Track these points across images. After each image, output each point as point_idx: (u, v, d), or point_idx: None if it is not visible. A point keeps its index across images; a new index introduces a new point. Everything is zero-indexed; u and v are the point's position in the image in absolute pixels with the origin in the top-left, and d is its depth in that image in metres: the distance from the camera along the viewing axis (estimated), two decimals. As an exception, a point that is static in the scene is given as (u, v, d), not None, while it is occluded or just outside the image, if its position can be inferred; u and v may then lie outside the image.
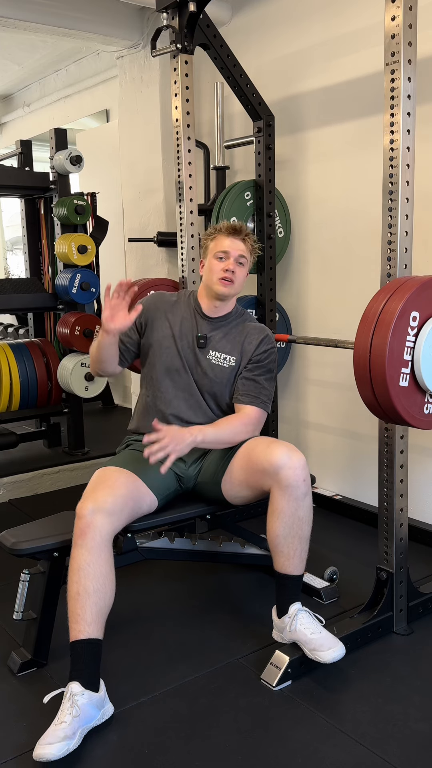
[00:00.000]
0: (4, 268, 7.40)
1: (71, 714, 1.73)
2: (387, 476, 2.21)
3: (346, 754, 1.72)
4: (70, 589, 1.88)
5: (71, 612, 1.86)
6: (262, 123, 3.13)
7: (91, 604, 1.85)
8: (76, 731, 1.72)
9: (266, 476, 2.05)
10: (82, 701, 1.76)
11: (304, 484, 2.04)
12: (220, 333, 2.32)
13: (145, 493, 2.12)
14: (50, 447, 4.18)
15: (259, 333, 2.33)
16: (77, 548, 1.90)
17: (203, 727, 1.84)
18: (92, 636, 1.84)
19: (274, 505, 2.05)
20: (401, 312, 1.82)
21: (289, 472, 2.01)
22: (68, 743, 1.69)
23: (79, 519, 1.92)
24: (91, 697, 1.79)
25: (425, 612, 2.33)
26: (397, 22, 1.94)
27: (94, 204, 4.10)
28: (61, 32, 3.74)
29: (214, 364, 2.29)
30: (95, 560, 1.88)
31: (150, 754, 1.74)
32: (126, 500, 2.01)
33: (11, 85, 6.19)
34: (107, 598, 1.89)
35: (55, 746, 1.66)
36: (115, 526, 1.97)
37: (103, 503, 1.93)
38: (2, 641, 2.26)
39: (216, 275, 2.23)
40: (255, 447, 2.14)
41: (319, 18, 3.16)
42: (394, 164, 2.00)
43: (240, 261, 2.25)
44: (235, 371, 2.30)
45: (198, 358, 2.29)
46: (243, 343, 2.30)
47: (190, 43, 2.75)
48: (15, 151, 4.20)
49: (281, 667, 1.99)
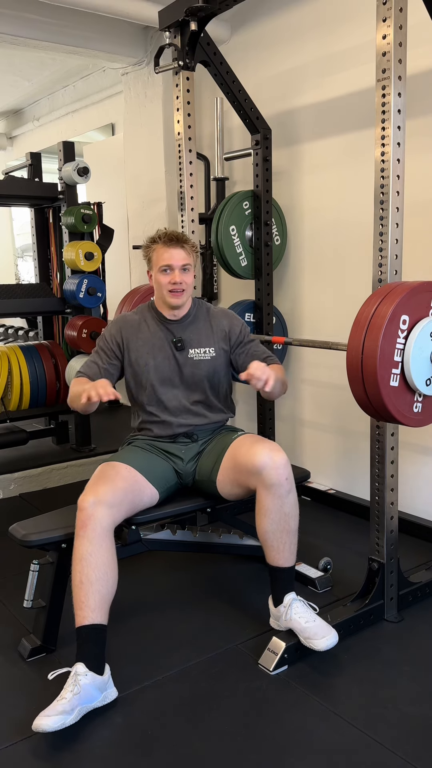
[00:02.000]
0: (15, 274, 7.39)
1: (72, 692, 1.75)
2: (378, 471, 2.21)
3: (340, 736, 1.72)
4: (74, 578, 1.89)
5: (76, 599, 1.87)
6: (259, 136, 3.13)
7: (94, 591, 1.86)
8: (74, 708, 1.73)
9: (251, 476, 2.05)
10: (84, 681, 1.78)
11: (287, 482, 2.03)
12: (191, 331, 2.31)
13: (146, 487, 2.12)
14: (58, 444, 4.18)
15: (223, 317, 2.37)
16: (79, 539, 1.91)
17: (204, 709, 1.84)
18: (96, 621, 1.85)
19: (261, 503, 2.05)
20: (392, 316, 1.82)
21: (271, 472, 2.00)
22: (65, 718, 1.70)
23: (80, 511, 1.93)
24: (94, 679, 1.80)
25: (415, 600, 2.33)
26: (387, 40, 1.95)
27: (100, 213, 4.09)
28: (69, 50, 3.75)
29: (197, 360, 2.28)
30: (96, 550, 1.89)
31: (153, 735, 1.74)
32: (126, 493, 2.01)
33: (22, 101, 6.19)
34: (110, 586, 1.90)
35: (52, 719, 1.68)
36: (115, 518, 1.97)
37: (104, 496, 1.94)
38: (13, 628, 2.26)
39: (165, 288, 2.21)
40: (240, 447, 2.14)
41: (314, 36, 3.16)
42: (384, 175, 2.00)
43: (185, 268, 2.21)
44: (219, 359, 2.31)
45: (181, 360, 2.28)
46: (215, 332, 2.32)
47: (192, 61, 2.75)
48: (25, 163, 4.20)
49: (278, 652, 1.99)
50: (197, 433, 2.30)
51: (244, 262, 3.24)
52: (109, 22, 3.70)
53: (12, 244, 7.41)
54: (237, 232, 3.18)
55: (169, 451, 2.28)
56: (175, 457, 2.27)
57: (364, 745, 1.69)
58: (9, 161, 6.83)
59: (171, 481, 2.25)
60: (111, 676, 1.87)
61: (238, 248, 3.20)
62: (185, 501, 2.28)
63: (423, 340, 1.89)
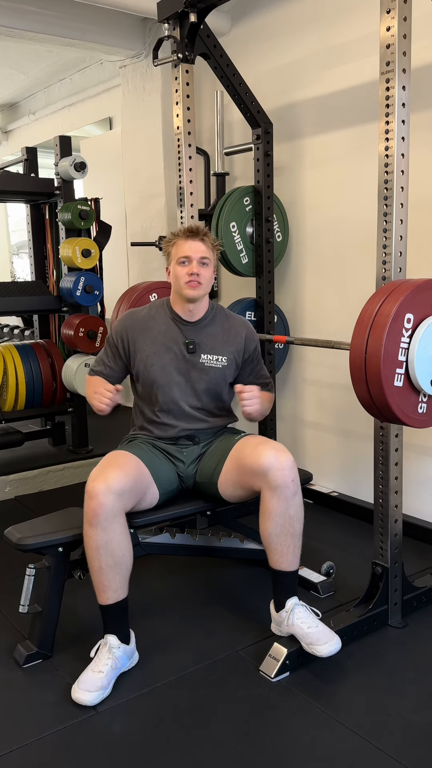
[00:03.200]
0: (11, 271, 7.39)
1: (108, 665, 1.92)
2: (382, 473, 2.20)
3: (342, 744, 1.72)
4: (91, 565, 1.96)
5: (96, 583, 1.97)
6: (260, 130, 3.13)
7: (113, 575, 1.96)
8: (110, 681, 1.92)
9: (256, 477, 2.05)
10: (118, 653, 1.96)
11: (293, 483, 2.03)
12: (206, 335, 2.29)
13: (150, 483, 2.13)
14: (55, 445, 4.18)
15: (242, 328, 2.35)
16: (91, 527, 1.92)
17: (203, 717, 1.84)
18: (119, 599, 1.98)
19: (265, 505, 2.05)
20: (396, 314, 1.82)
21: (277, 473, 2.00)
22: (104, 693, 1.89)
23: (90, 499, 1.92)
24: (125, 650, 1.99)
25: (419, 605, 2.33)
26: (392, 32, 1.94)
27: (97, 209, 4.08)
28: (65, 42, 3.74)
29: (208, 367, 2.27)
30: (110, 537, 1.93)
31: (151, 744, 1.74)
32: (135, 482, 2.02)
33: (17, 94, 6.18)
34: (128, 564, 1.99)
35: (93, 694, 1.87)
36: (125, 504, 1.98)
37: (114, 482, 1.94)
38: (8, 634, 2.26)
39: (182, 280, 2.19)
40: (244, 448, 2.14)
41: (315, 28, 3.16)
42: (389, 170, 2.00)
43: (203, 262, 2.20)
44: (229, 369, 2.30)
45: (191, 363, 2.26)
46: (231, 341, 2.31)
47: (191, 53, 2.75)
48: (21, 157, 4.19)
49: (279, 659, 1.99)
50: (198, 435, 2.30)
51: (244, 260, 3.24)
52: (106, 14, 3.70)
53: (7, 240, 7.41)
54: (237, 229, 3.18)
55: (170, 453, 2.28)
56: (176, 460, 2.27)
57: (368, 753, 1.69)
58: (4, 156, 6.83)
59: (173, 484, 2.25)
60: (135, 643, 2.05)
61: (238, 245, 3.20)
62: (185, 504, 2.28)
63: (428, 339, 1.89)
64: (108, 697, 1.90)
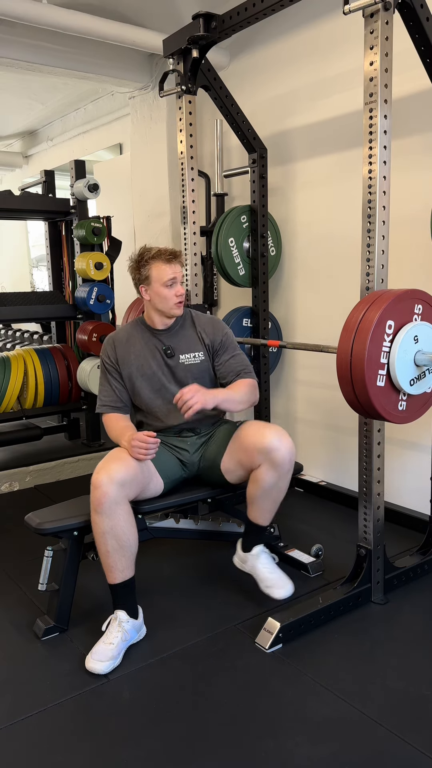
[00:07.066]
0: (31, 282, 7.38)
1: (119, 637, 1.94)
2: (366, 464, 2.21)
3: (330, 709, 1.72)
4: (99, 549, 1.96)
5: (105, 565, 1.97)
6: (256, 155, 3.13)
7: (119, 556, 1.96)
8: (120, 652, 1.93)
9: (258, 454, 2.06)
10: (128, 627, 1.97)
11: (290, 462, 2.08)
12: (180, 338, 2.28)
13: (153, 473, 2.13)
14: (70, 439, 4.18)
15: (209, 323, 2.33)
16: (97, 515, 1.93)
17: (204, 684, 1.84)
18: (126, 578, 1.98)
19: (261, 474, 2.07)
20: (378, 321, 1.82)
21: (278, 453, 2.04)
22: (114, 662, 1.90)
23: (95, 489, 1.93)
24: (134, 624, 2.00)
25: (399, 584, 2.33)
26: (374, 66, 1.94)
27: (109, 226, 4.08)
28: (80, 75, 3.74)
29: (189, 365, 2.27)
30: (115, 523, 1.93)
31: (158, 708, 1.74)
32: (136, 473, 2.01)
33: (36, 122, 6.18)
34: (133, 546, 1.99)
35: (104, 664, 1.88)
36: (128, 494, 1.98)
37: (116, 474, 1.94)
38: (28, 609, 2.26)
39: (172, 301, 2.19)
40: (248, 428, 2.15)
41: (306, 63, 3.16)
42: (372, 191, 2.00)
43: (182, 281, 2.28)
44: (207, 361, 2.29)
45: (173, 366, 2.25)
46: (201, 336, 2.29)
47: (194, 85, 2.75)
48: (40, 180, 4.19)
49: (273, 632, 1.99)
50: (200, 427, 2.30)
51: (242, 272, 3.24)
52: (117, 50, 3.70)
53: (27, 254, 7.40)
54: (235, 244, 3.18)
55: (174, 444, 2.28)
56: (180, 450, 2.27)
57: (353, 717, 1.69)
58: (25, 178, 6.83)
59: (177, 473, 2.25)
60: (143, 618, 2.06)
61: (236, 258, 3.20)
62: (188, 491, 2.27)
63: (407, 343, 1.89)
64: (118, 666, 1.91)
